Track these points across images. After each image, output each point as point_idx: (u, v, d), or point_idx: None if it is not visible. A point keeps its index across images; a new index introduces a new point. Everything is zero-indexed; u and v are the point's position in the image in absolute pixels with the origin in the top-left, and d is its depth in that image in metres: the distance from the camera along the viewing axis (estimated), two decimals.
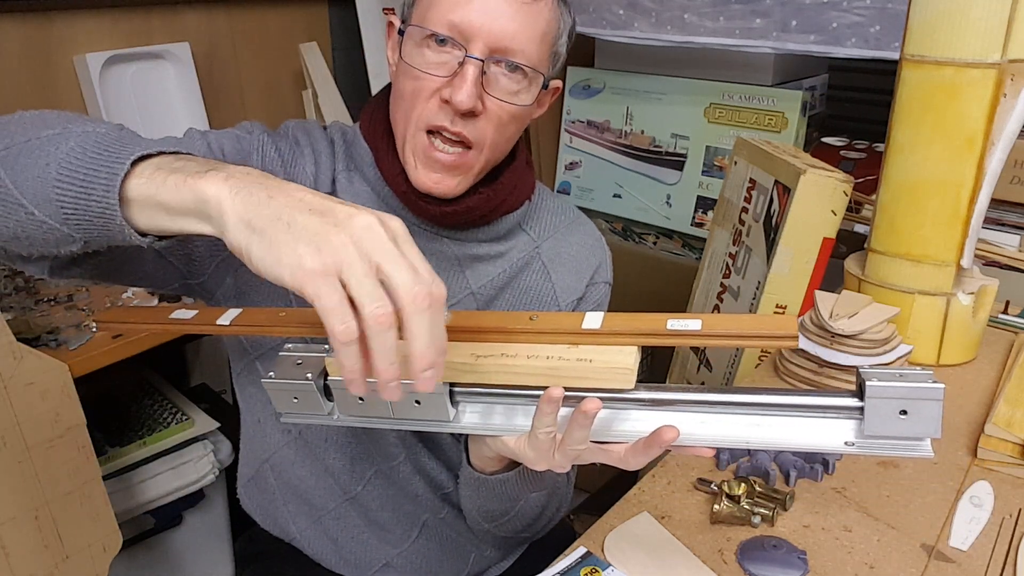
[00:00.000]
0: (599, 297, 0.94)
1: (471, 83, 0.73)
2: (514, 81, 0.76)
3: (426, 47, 0.75)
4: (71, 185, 0.55)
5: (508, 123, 0.79)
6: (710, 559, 0.74)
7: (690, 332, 0.59)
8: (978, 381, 1.04)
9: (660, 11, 1.81)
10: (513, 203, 0.87)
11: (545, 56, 0.78)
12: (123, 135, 0.58)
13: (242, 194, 0.50)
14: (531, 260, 0.90)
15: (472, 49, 0.73)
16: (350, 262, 0.47)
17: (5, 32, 1.67)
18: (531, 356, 0.60)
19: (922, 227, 1.04)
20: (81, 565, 1.41)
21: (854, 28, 1.55)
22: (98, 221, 0.55)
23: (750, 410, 0.59)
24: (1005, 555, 0.74)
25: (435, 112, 0.76)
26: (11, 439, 1.28)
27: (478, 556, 0.99)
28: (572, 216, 0.96)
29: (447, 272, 0.86)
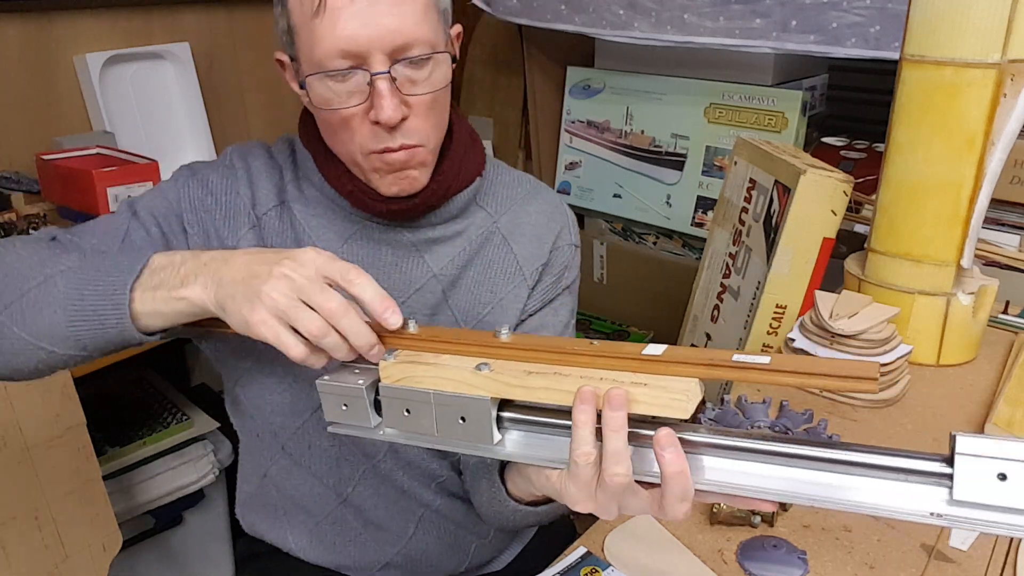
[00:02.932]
0: (566, 260, 0.93)
1: (389, 98, 0.73)
2: (422, 71, 0.75)
3: (331, 84, 0.74)
4: (84, 321, 0.69)
5: (435, 107, 0.78)
6: (710, 559, 0.74)
7: (756, 365, 0.54)
8: (978, 381, 1.04)
9: (660, 11, 1.81)
10: (461, 182, 0.87)
11: (436, 24, 0.77)
12: (98, 264, 0.71)
13: (210, 287, 0.66)
14: (490, 235, 0.90)
15: (373, 65, 0.73)
16: (280, 305, 0.62)
17: (5, 32, 1.67)
18: (584, 377, 0.57)
19: (922, 227, 1.04)
20: (81, 565, 1.41)
21: (854, 28, 1.55)
22: (117, 340, 0.70)
23: (821, 465, 0.53)
24: (1005, 555, 0.74)
25: (370, 137, 0.76)
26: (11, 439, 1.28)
27: (480, 546, 0.98)
28: (529, 187, 0.95)
29: (406, 259, 0.87)
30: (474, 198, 0.90)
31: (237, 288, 0.65)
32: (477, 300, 0.88)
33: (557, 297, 0.93)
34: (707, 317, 1.62)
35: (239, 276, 0.65)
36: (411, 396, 0.61)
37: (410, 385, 0.61)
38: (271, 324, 0.63)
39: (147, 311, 0.69)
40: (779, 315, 1.36)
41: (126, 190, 1.52)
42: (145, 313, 0.69)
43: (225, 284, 0.66)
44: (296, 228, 0.85)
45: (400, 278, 0.86)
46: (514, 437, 0.61)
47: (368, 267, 0.83)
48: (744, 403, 0.96)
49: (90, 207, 1.52)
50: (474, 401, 0.59)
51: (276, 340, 0.63)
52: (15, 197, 1.66)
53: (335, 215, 0.86)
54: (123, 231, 0.82)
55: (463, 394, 0.59)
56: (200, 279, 0.67)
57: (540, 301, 0.92)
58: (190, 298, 0.68)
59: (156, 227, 0.83)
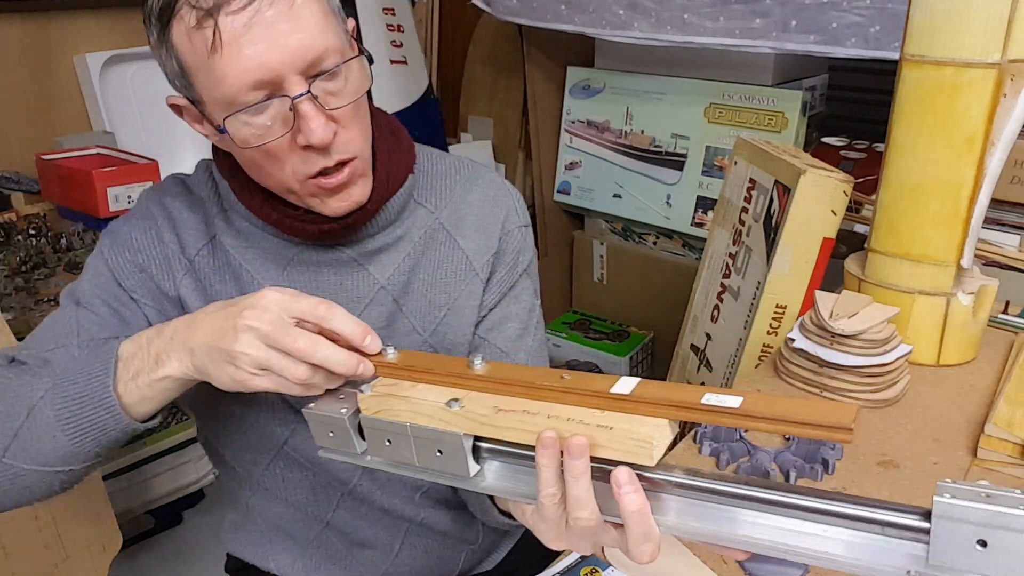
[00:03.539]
0: (517, 244, 0.89)
1: (316, 117, 0.69)
2: (339, 81, 0.71)
3: (248, 118, 0.69)
4: (86, 435, 0.70)
5: (359, 112, 0.75)
6: (710, 559, 0.74)
7: (725, 409, 0.51)
8: (978, 381, 1.04)
9: (660, 11, 1.81)
10: (392, 185, 0.82)
11: (337, 28, 0.72)
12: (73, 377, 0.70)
13: (185, 359, 0.67)
14: (434, 232, 0.86)
15: (291, 89, 0.68)
16: (257, 359, 0.63)
17: (5, 32, 1.67)
18: (552, 416, 0.55)
19: (922, 227, 1.04)
20: (81, 565, 1.41)
21: (854, 28, 1.55)
22: (124, 437, 0.72)
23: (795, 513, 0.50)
24: None
25: (305, 163, 0.72)
26: None
27: (470, 551, 0.98)
28: (467, 173, 0.90)
29: (350, 275, 0.83)
30: (410, 196, 0.85)
31: (211, 354, 0.65)
32: (431, 304, 0.86)
33: (516, 284, 0.90)
34: (707, 317, 1.62)
35: (208, 340, 0.65)
36: (389, 428, 0.61)
37: (387, 417, 0.61)
38: (262, 376, 0.63)
39: (136, 401, 0.69)
40: (779, 315, 1.36)
41: (126, 190, 1.52)
42: (136, 403, 0.70)
43: (197, 353, 0.66)
44: (232, 263, 0.82)
45: (346, 296, 0.83)
46: (494, 467, 0.60)
47: (311, 291, 0.80)
48: None
49: (90, 207, 1.52)
50: (448, 435, 0.58)
51: (275, 388, 0.64)
52: (15, 197, 1.67)
53: (269, 243, 0.82)
54: (74, 325, 0.79)
55: (437, 428, 0.59)
56: (173, 354, 0.67)
57: (498, 293, 0.88)
58: (171, 375, 0.68)
59: (105, 306, 0.80)
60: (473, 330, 0.88)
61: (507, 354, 0.88)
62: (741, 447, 0.87)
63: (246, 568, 1.00)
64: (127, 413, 0.69)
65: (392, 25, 2.39)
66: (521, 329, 0.90)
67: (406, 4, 2.44)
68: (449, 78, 2.61)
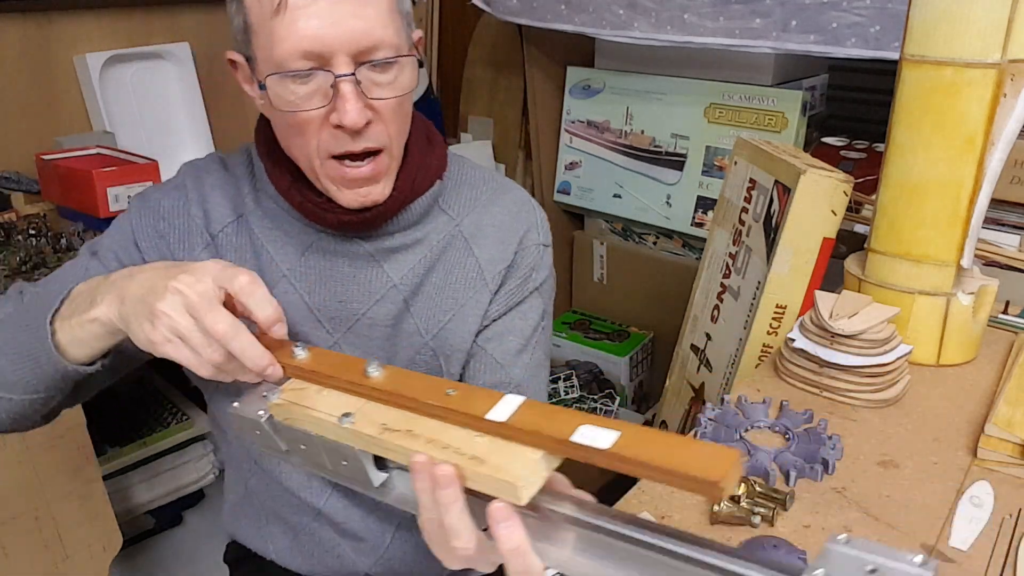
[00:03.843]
0: (532, 261, 0.89)
1: (354, 101, 0.71)
2: (387, 74, 0.73)
3: (292, 84, 0.71)
4: (22, 363, 0.71)
5: (400, 111, 0.77)
6: None
7: (594, 448, 0.47)
8: (978, 381, 1.04)
9: (660, 11, 1.81)
10: (418, 188, 0.84)
11: (400, 27, 0.74)
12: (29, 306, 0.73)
13: (114, 305, 0.66)
14: (453, 239, 0.87)
15: (338, 67, 0.70)
16: (175, 325, 0.62)
17: (5, 32, 1.67)
18: (430, 441, 0.53)
19: (922, 227, 1.04)
20: (81, 565, 1.41)
21: (854, 28, 1.55)
22: (56, 375, 0.71)
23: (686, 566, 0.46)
24: (1005, 555, 0.74)
25: (332, 141, 0.74)
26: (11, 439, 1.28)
27: None
28: (495, 185, 0.91)
29: (364, 270, 0.84)
30: (435, 202, 0.86)
31: (137, 306, 0.64)
32: (438, 307, 0.86)
33: (525, 300, 0.90)
34: (707, 317, 1.62)
35: (138, 292, 0.65)
36: (299, 435, 0.61)
37: (294, 425, 0.60)
38: (175, 344, 0.63)
39: (67, 340, 0.70)
40: (779, 315, 1.36)
41: (126, 190, 1.52)
42: (67, 343, 0.70)
43: (127, 301, 0.65)
44: (255, 242, 0.84)
45: (358, 289, 0.84)
46: (405, 477, 0.59)
47: (326, 279, 0.84)
48: (744, 403, 0.96)
49: (90, 207, 1.52)
50: (347, 448, 0.58)
51: (185, 361, 0.63)
52: (15, 197, 1.67)
53: (293, 227, 0.84)
54: (82, 273, 0.81)
55: (336, 441, 0.58)
56: (106, 299, 0.67)
57: (504, 305, 0.89)
58: (99, 318, 0.67)
59: (116, 262, 0.82)
60: (473, 338, 0.88)
61: (503, 367, 0.88)
62: (741, 447, 0.87)
63: (246, 558, 1.00)
64: (59, 350, 0.69)
65: None
66: (521, 345, 0.89)
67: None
68: (449, 78, 2.61)
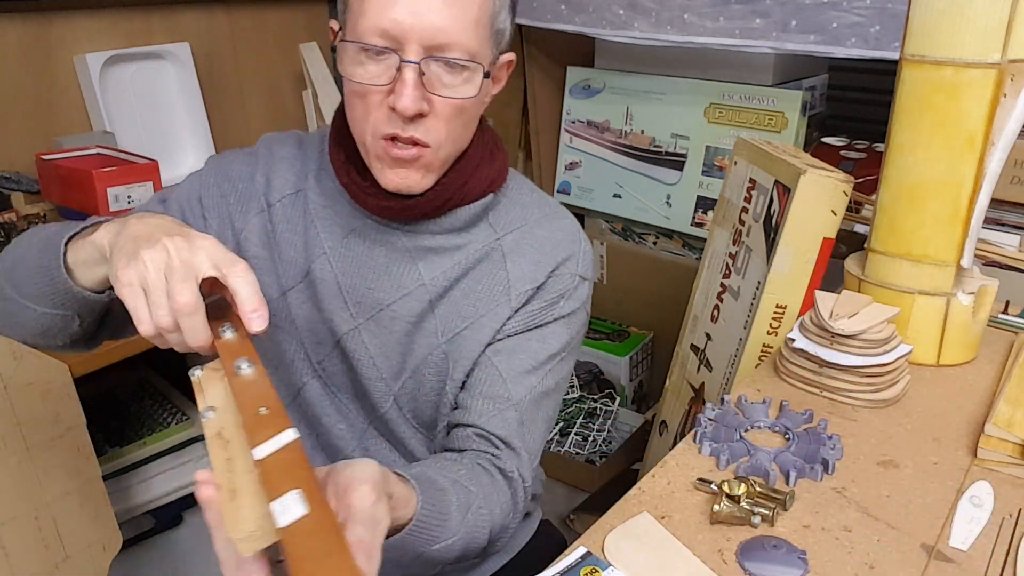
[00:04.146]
0: (565, 288, 0.88)
1: (411, 88, 0.73)
2: (455, 75, 0.76)
3: (363, 60, 0.75)
4: (40, 276, 0.72)
5: (458, 117, 0.78)
6: (710, 559, 0.74)
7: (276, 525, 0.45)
8: (978, 381, 1.04)
9: (660, 11, 1.81)
10: (467, 196, 0.85)
11: (485, 39, 0.77)
12: (63, 229, 0.73)
13: (111, 235, 0.67)
14: (490, 252, 0.88)
15: (407, 53, 0.73)
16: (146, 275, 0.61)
17: (5, 32, 1.67)
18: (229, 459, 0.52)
19: (922, 227, 1.04)
20: (81, 565, 1.41)
21: (854, 28, 1.55)
22: (68, 295, 0.72)
23: None
24: (1005, 555, 0.74)
25: (385, 121, 0.77)
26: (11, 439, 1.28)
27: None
28: (548, 210, 0.92)
29: (399, 263, 0.86)
30: (484, 214, 0.88)
31: (127, 243, 0.64)
32: (459, 314, 0.87)
33: (548, 324, 0.88)
34: (707, 317, 1.62)
35: (136, 234, 0.65)
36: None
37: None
38: (135, 290, 0.62)
39: (73, 261, 0.71)
40: (779, 315, 1.36)
41: (126, 190, 1.52)
42: (73, 263, 0.71)
43: (122, 235, 0.66)
44: (307, 217, 0.87)
45: (389, 281, 0.86)
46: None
47: (360, 264, 0.86)
48: (744, 403, 0.96)
49: (90, 207, 1.52)
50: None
51: (132, 307, 0.62)
52: (15, 197, 1.66)
53: (343, 209, 0.87)
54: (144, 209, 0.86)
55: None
56: (111, 228, 0.68)
57: (524, 324, 0.87)
58: (95, 241, 0.68)
59: (179, 212, 0.86)
60: (483, 348, 0.87)
61: (504, 381, 0.86)
62: (741, 447, 0.87)
63: None
64: (65, 266, 0.71)
65: None
66: (531, 367, 0.87)
67: None
68: None
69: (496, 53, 0.81)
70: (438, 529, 0.70)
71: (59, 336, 0.78)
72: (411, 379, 0.89)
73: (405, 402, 0.90)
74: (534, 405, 0.87)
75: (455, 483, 0.75)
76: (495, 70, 0.82)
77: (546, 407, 0.89)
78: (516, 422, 0.84)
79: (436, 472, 0.74)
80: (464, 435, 0.84)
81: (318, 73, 2.12)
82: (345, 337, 0.88)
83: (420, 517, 0.67)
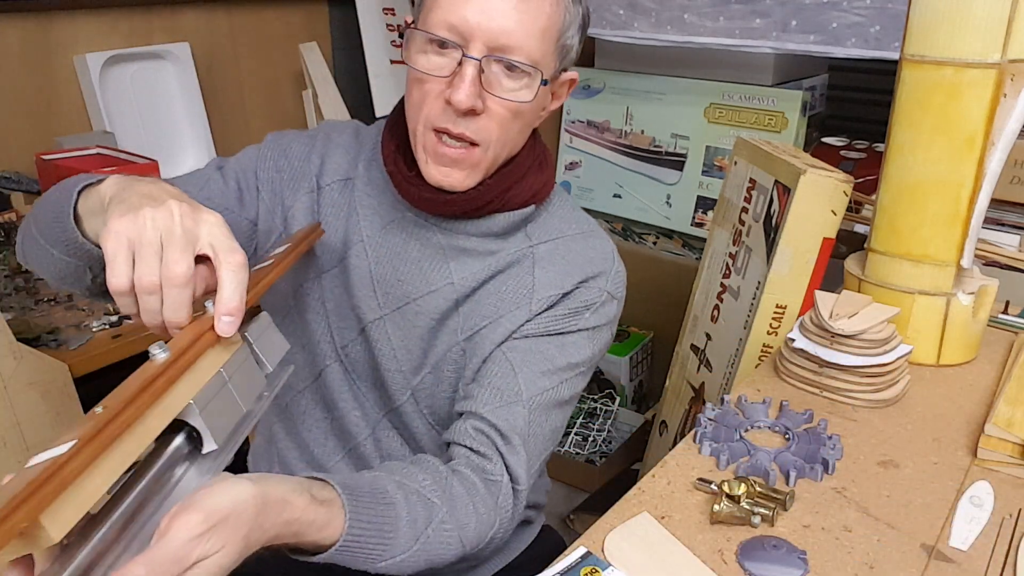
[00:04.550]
0: (591, 301, 0.87)
1: (469, 83, 0.75)
2: (513, 79, 0.77)
3: (428, 50, 0.77)
4: (55, 221, 0.70)
5: (511, 120, 0.80)
6: (710, 559, 0.74)
7: None
8: (978, 381, 1.04)
9: (660, 11, 1.81)
10: (507, 203, 0.86)
11: (549, 51, 0.79)
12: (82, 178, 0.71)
13: (116, 187, 0.64)
14: (522, 258, 0.88)
15: (470, 49, 0.75)
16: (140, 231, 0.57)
17: (5, 32, 1.67)
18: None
19: (922, 227, 1.04)
20: None
21: (854, 28, 1.55)
22: (76, 245, 0.69)
23: None
24: (1005, 555, 0.74)
25: (439, 114, 0.78)
26: (11, 439, 1.28)
27: None
28: (587, 229, 0.92)
29: (431, 260, 0.87)
30: (522, 224, 0.89)
31: (132, 197, 0.61)
32: (480, 313, 0.87)
33: (570, 333, 0.87)
34: (707, 317, 1.62)
35: (144, 191, 0.62)
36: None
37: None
38: (120, 241, 0.58)
39: (83, 209, 0.69)
40: (779, 315, 1.36)
41: None
42: (83, 212, 0.69)
43: (129, 191, 0.63)
44: (351, 203, 0.89)
45: (419, 276, 0.87)
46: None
47: (394, 256, 0.88)
48: (744, 403, 0.96)
49: None
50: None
51: (111, 256, 0.58)
52: (15, 197, 1.66)
53: (386, 200, 0.88)
54: (204, 181, 0.87)
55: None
56: (119, 182, 0.66)
57: (543, 328, 0.86)
58: (100, 190, 0.66)
59: (234, 181, 0.88)
60: (496, 346, 0.87)
61: (516, 375, 0.84)
62: (741, 447, 0.87)
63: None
64: (74, 215, 0.69)
65: (392, 25, 2.38)
66: (546, 370, 0.85)
67: (406, 4, 2.44)
68: None
69: (559, 67, 0.82)
70: (380, 547, 0.68)
71: (77, 284, 0.76)
72: (431, 374, 0.90)
73: (423, 397, 0.91)
74: (543, 411, 0.85)
75: (414, 494, 0.73)
76: (556, 85, 0.83)
77: (554, 418, 0.87)
78: (522, 420, 0.83)
79: (391, 482, 0.72)
80: (462, 429, 0.82)
81: (318, 73, 2.12)
82: (370, 326, 0.89)
83: (350, 536, 0.65)
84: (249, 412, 0.63)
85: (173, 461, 0.57)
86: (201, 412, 0.56)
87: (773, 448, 0.87)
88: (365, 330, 0.89)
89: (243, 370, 0.63)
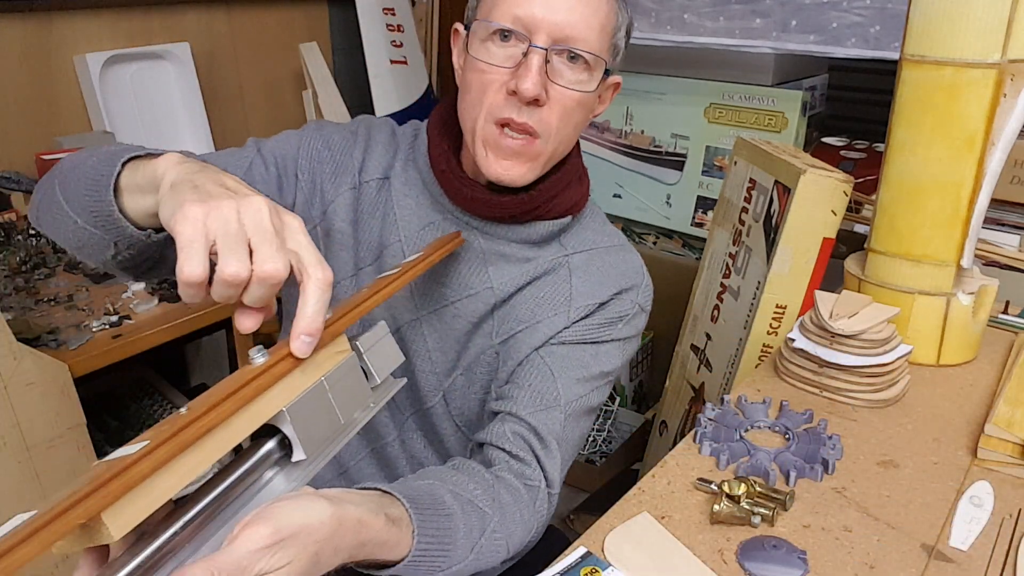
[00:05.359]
0: (624, 312, 0.90)
1: (535, 72, 0.76)
2: (577, 69, 0.79)
3: (491, 42, 0.78)
4: (90, 189, 0.67)
5: (573, 111, 0.81)
6: (710, 559, 0.74)
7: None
8: (978, 381, 1.04)
9: (660, 11, 1.81)
10: (549, 211, 0.87)
11: (606, 46, 0.81)
12: (127, 148, 0.69)
13: (180, 168, 0.60)
14: (558, 266, 0.90)
15: (535, 40, 0.77)
16: (225, 221, 0.52)
17: (5, 32, 1.67)
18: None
19: (922, 227, 1.04)
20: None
21: (854, 28, 1.55)
22: (110, 220, 0.66)
23: None
24: (1005, 555, 0.74)
25: (502, 104, 0.79)
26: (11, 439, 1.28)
27: None
28: (618, 242, 0.95)
29: (470, 264, 0.88)
30: (558, 234, 0.90)
31: (208, 184, 0.56)
32: (516, 318, 0.88)
33: (605, 343, 0.89)
34: (707, 317, 1.62)
35: (221, 180, 0.57)
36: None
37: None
38: (198, 228, 0.52)
39: (127, 183, 0.65)
40: (779, 315, 1.36)
41: None
42: (126, 185, 0.65)
43: (200, 176, 0.58)
44: (388, 203, 0.89)
45: (458, 280, 0.88)
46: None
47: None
48: (744, 403, 0.96)
49: None
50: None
51: (187, 242, 0.52)
52: (15, 197, 1.66)
53: (424, 200, 0.89)
54: (247, 164, 0.86)
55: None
56: (183, 164, 0.61)
57: (580, 336, 0.88)
58: (156, 167, 0.61)
59: (275, 166, 0.87)
60: (533, 350, 0.87)
61: (555, 379, 0.85)
62: (741, 447, 0.87)
63: None
64: (114, 189, 0.65)
65: (392, 25, 2.39)
66: (583, 377, 0.86)
67: (406, 4, 2.44)
68: (449, 78, 2.61)
69: (609, 65, 0.83)
70: (441, 559, 0.68)
71: (94, 257, 0.73)
72: (462, 376, 0.90)
73: (454, 398, 0.91)
74: (576, 417, 0.86)
75: (468, 504, 0.73)
76: (603, 87, 0.84)
77: (583, 424, 0.88)
78: (559, 424, 0.84)
79: (447, 492, 0.72)
80: (500, 431, 0.82)
81: (318, 73, 2.12)
82: (405, 327, 0.89)
83: (417, 551, 0.65)
84: (347, 424, 0.60)
85: (263, 465, 0.56)
86: (292, 420, 0.55)
87: (773, 448, 0.87)
88: (400, 330, 0.90)
89: (347, 380, 0.61)
